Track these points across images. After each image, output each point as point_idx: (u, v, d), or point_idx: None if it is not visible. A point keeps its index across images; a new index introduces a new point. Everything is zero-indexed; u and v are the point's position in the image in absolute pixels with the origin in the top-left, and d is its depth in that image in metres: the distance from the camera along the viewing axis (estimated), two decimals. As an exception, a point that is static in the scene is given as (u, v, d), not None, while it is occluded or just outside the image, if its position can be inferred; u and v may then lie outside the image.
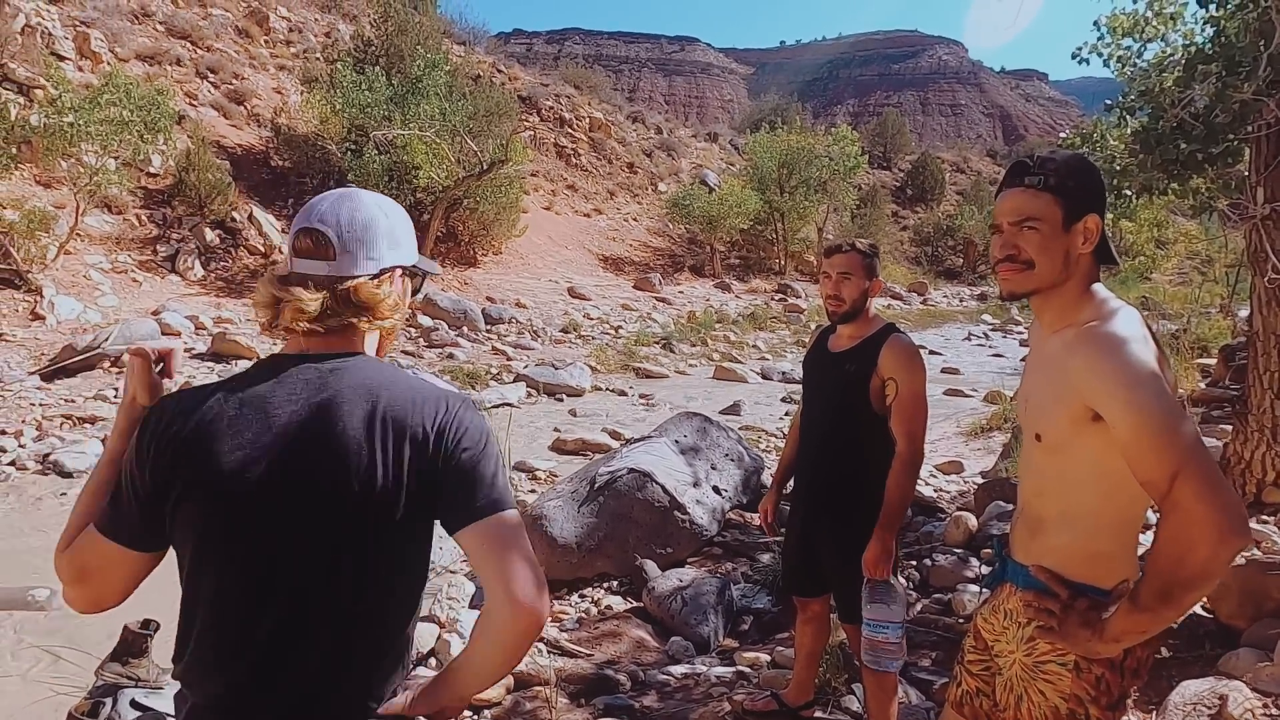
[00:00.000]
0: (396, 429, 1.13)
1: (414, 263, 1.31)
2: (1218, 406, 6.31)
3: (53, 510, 5.97)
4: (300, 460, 1.11)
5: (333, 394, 1.14)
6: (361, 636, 1.16)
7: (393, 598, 1.18)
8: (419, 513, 1.15)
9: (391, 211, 1.26)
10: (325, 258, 1.19)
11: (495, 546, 1.12)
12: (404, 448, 1.12)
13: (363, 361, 1.20)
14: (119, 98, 11.70)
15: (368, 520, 1.12)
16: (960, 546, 4.58)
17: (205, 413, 1.14)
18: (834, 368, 2.56)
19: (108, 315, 10.85)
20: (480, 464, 1.15)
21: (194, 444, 1.12)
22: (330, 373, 1.16)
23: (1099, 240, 1.48)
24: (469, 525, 1.13)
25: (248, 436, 1.12)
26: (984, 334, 19.91)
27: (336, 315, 1.18)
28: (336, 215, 1.20)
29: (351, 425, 1.12)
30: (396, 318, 1.26)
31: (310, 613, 1.13)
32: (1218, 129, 3.91)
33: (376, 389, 1.15)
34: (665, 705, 3.24)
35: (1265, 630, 2.90)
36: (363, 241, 1.20)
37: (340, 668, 1.15)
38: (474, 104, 18.28)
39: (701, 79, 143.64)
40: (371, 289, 1.20)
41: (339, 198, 1.22)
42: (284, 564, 1.12)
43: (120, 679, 2.97)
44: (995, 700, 1.64)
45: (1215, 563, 1.23)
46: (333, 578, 1.12)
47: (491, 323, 14.56)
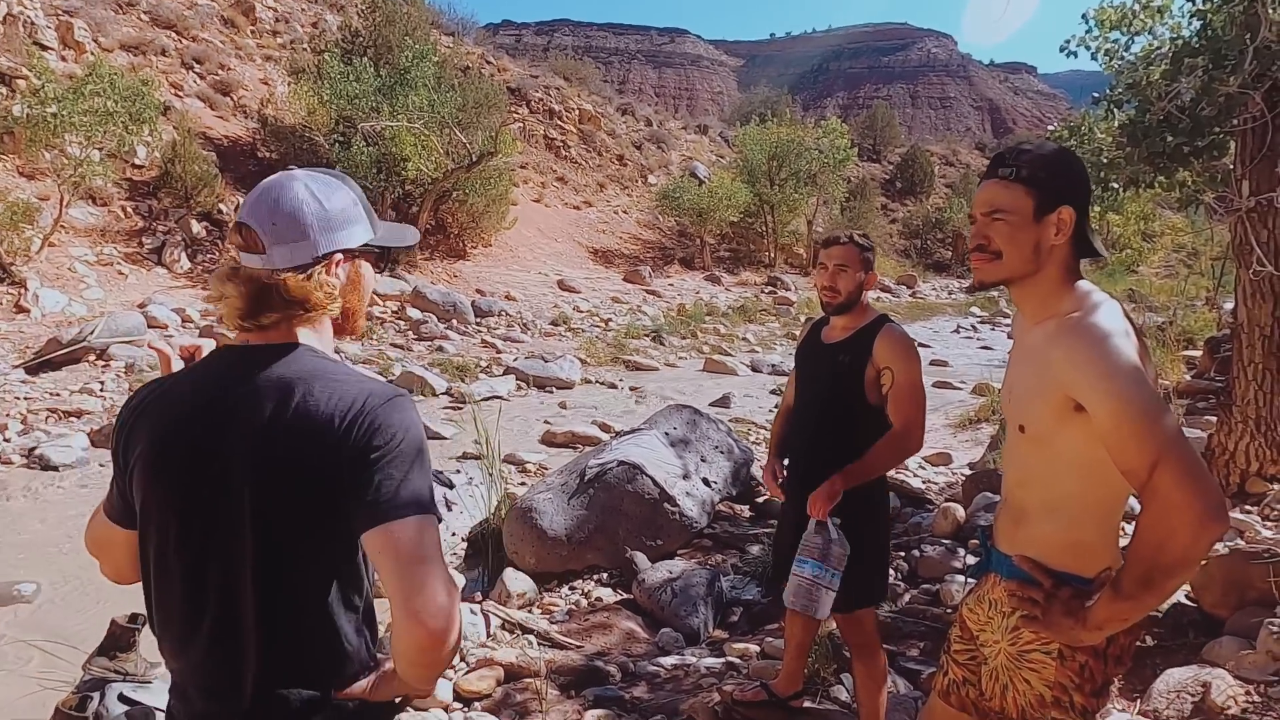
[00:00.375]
0: (305, 423, 1.11)
1: (361, 244, 1.26)
2: (1203, 398, 6.37)
3: (38, 504, 5.93)
4: (215, 445, 1.14)
5: (255, 388, 1.15)
6: (282, 625, 1.16)
7: (314, 590, 1.17)
8: (329, 506, 1.12)
9: (327, 194, 1.21)
10: (257, 251, 1.17)
11: (393, 555, 1.08)
12: (309, 442, 1.11)
13: (296, 354, 1.18)
14: (103, 88, 11.57)
15: (274, 511, 1.13)
16: (948, 537, 4.61)
17: (155, 400, 1.22)
18: (827, 358, 2.57)
19: (93, 308, 10.76)
20: (387, 464, 1.10)
21: (139, 428, 1.20)
22: (260, 366, 1.16)
23: (1075, 232, 1.48)
24: (370, 529, 1.09)
25: (176, 423, 1.17)
26: (972, 326, 19.99)
27: (268, 309, 1.17)
28: (264, 208, 1.17)
29: (260, 417, 1.13)
30: (334, 306, 1.22)
31: (229, 598, 1.15)
32: (1204, 122, 3.94)
33: (296, 382, 1.14)
34: (655, 696, 3.26)
35: (1248, 619, 2.93)
36: (291, 232, 1.17)
37: (263, 653, 1.16)
38: (463, 95, 18.17)
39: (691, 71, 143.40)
40: (300, 282, 1.17)
41: (267, 187, 1.19)
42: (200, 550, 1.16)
43: (108, 673, 2.96)
44: (981, 689, 1.65)
45: (1195, 549, 1.25)
46: (243, 565, 1.14)
47: (481, 315, 14.51)
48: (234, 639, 1.16)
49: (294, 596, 1.16)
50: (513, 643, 3.69)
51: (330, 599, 1.17)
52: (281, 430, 1.12)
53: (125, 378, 8.82)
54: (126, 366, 9.04)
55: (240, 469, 1.13)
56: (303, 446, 1.11)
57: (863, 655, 2.58)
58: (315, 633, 1.18)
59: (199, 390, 1.19)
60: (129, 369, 9.01)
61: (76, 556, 5.11)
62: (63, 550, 5.16)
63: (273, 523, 1.13)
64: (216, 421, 1.15)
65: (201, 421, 1.16)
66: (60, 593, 4.61)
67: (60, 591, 4.62)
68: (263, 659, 1.15)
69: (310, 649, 1.18)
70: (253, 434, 1.13)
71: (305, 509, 1.13)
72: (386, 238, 1.31)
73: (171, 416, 1.18)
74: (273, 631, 1.15)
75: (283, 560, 1.14)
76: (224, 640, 1.16)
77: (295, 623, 1.16)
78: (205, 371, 1.22)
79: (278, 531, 1.13)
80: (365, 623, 1.24)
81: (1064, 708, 1.50)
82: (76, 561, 5.03)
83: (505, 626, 3.83)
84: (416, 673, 1.15)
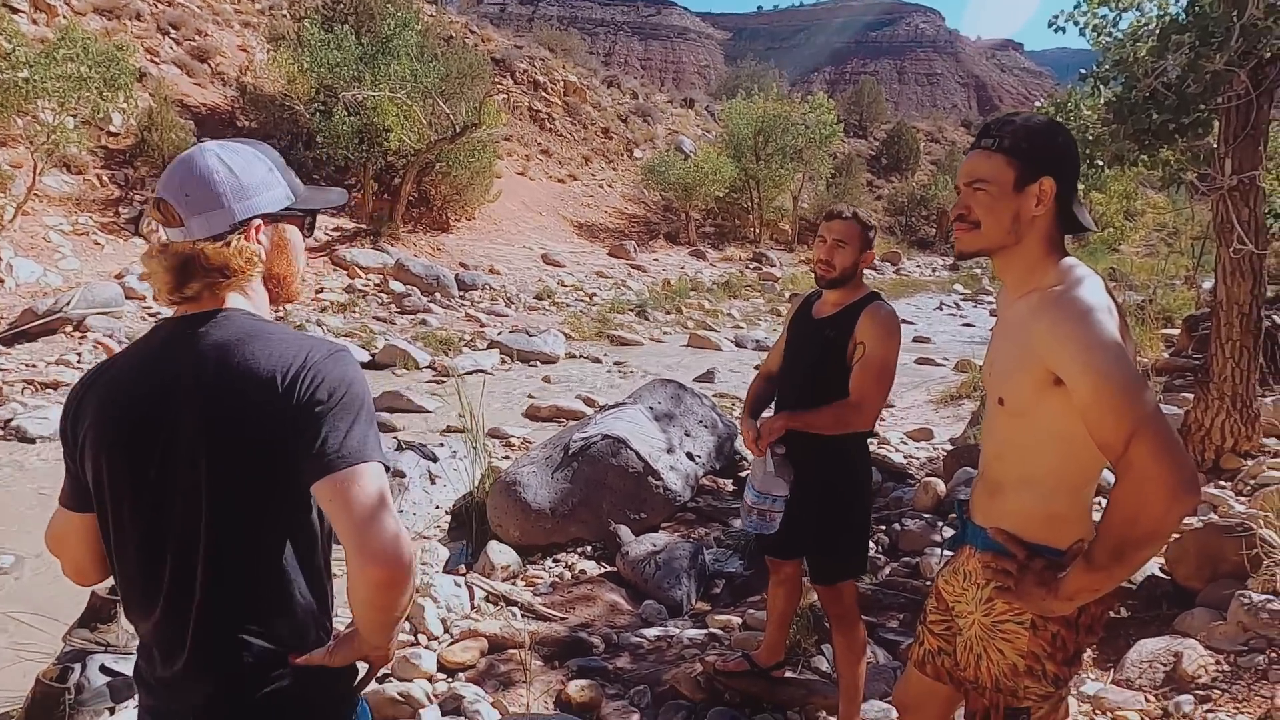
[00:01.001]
0: (246, 383, 1.14)
1: (281, 208, 1.27)
2: (1180, 376, 6.45)
3: (15, 476, 5.87)
4: (159, 414, 1.16)
5: (195, 352, 1.17)
6: (235, 584, 1.18)
7: (265, 549, 1.19)
8: (274, 462, 1.15)
9: (240, 161, 1.22)
10: (176, 224, 1.19)
11: (343, 502, 1.11)
12: (252, 401, 1.13)
13: (229, 315, 1.20)
14: (76, 53, 11.27)
15: (224, 473, 1.15)
16: (929, 511, 4.67)
17: (100, 379, 1.24)
18: (815, 333, 2.57)
19: (69, 278, 10.59)
20: (332, 416, 1.13)
21: (86, 406, 1.23)
22: (197, 332, 1.18)
23: (1059, 205, 1.48)
24: (319, 479, 1.12)
25: (122, 396, 1.20)
26: (955, 303, 20.10)
27: (191, 279, 1.19)
28: (175, 179, 1.19)
29: (201, 381, 1.15)
30: (255, 271, 1.23)
31: (184, 563, 1.17)
32: (1189, 99, 3.95)
33: (233, 344, 1.16)
34: (638, 667, 3.29)
35: (1220, 591, 2.99)
36: (204, 202, 1.18)
37: (216, 611, 1.18)
38: (446, 65, 17.89)
39: (678, 43, 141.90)
40: (218, 249, 1.18)
41: (179, 161, 1.21)
42: (153, 517, 1.18)
43: (89, 644, 2.95)
44: (956, 659, 1.68)
45: (1167, 521, 1.26)
46: (196, 528, 1.16)
47: (465, 289, 14.42)
48: (189, 602, 1.18)
49: (247, 556, 1.18)
50: (496, 615, 3.71)
51: (284, 558, 1.20)
52: (224, 392, 1.14)
53: (102, 349, 8.71)
54: (104, 337, 8.93)
55: (187, 434, 1.15)
56: (246, 406, 1.13)
57: (842, 627, 2.61)
58: (269, 590, 1.20)
59: (141, 363, 1.21)
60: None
61: (55, 529, 5.07)
62: (41, 522, 5.12)
63: (224, 484, 1.15)
64: (160, 390, 1.17)
65: (145, 392, 1.18)
66: (39, 565, 4.57)
67: (39, 563, 4.59)
68: (215, 618, 1.18)
69: (265, 607, 1.20)
70: (196, 398, 1.15)
71: (254, 468, 1.15)
72: (309, 200, 1.31)
73: (116, 390, 1.21)
74: (226, 591, 1.18)
75: (235, 521, 1.16)
76: (180, 604, 1.18)
77: (249, 581, 1.19)
78: (145, 345, 1.23)
79: (229, 493, 1.15)
80: (320, 583, 1.26)
81: (1036, 676, 1.52)
82: (55, 534, 4.99)
83: (489, 599, 3.84)
84: (373, 616, 1.18)
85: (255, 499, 1.17)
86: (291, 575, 1.20)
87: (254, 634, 1.19)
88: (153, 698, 1.27)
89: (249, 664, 1.18)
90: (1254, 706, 2.47)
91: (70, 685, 2.66)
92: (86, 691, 2.70)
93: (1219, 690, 2.58)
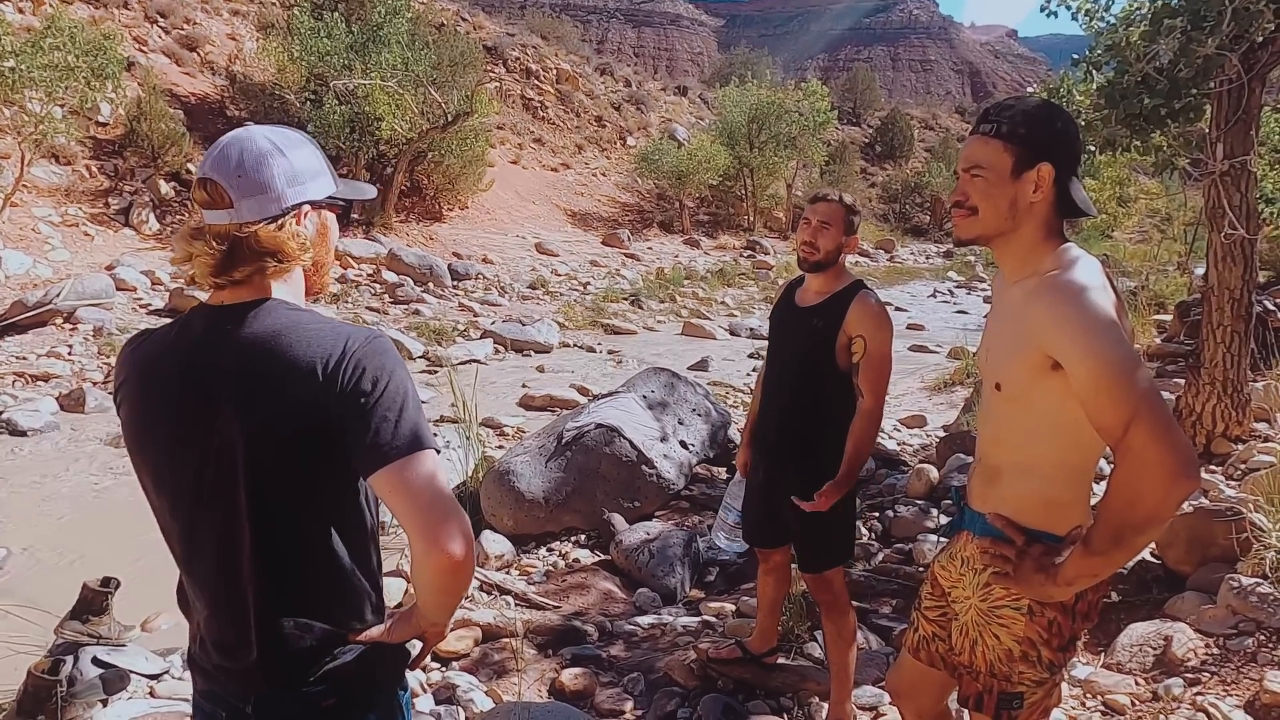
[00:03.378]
0: (290, 372, 1.13)
1: (326, 195, 1.27)
2: (1172, 361, 6.47)
3: (6, 469, 5.84)
4: (197, 404, 1.16)
5: (233, 340, 1.16)
6: (285, 573, 1.18)
7: (313, 537, 1.19)
8: (319, 452, 1.15)
9: (291, 146, 1.22)
10: (224, 206, 1.17)
11: (398, 492, 1.12)
12: (294, 390, 1.12)
13: (271, 306, 1.19)
14: (63, 42, 11.13)
15: (265, 464, 1.14)
16: (922, 498, 4.68)
17: (136, 361, 1.24)
18: (801, 323, 2.56)
19: (59, 270, 10.51)
20: (379, 405, 1.13)
21: (124, 391, 1.23)
22: (237, 323, 1.17)
23: (1057, 190, 1.47)
24: (377, 470, 1.12)
25: (158, 386, 1.19)
26: (949, 291, 20.11)
27: (241, 263, 1.17)
28: (228, 161, 1.17)
29: (244, 371, 1.14)
30: (307, 257, 1.23)
31: (230, 553, 1.18)
32: (1181, 84, 3.94)
33: (274, 335, 1.16)
34: (632, 654, 3.30)
35: (1210, 575, 3.01)
36: (258, 184, 1.17)
37: (268, 601, 1.18)
38: (438, 53, 17.74)
39: (671, 31, 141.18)
40: (272, 233, 1.17)
41: (229, 142, 1.19)
42: (193, 509, 1.18)
43: (81, 637, 2.94)
44: (951, 644, 1.68)
45: (1166, 505, 1.26)
46: (235, 516, 1.16)
47: (458, 279, 14.36)
48: (238, 593, 1.18)
49: (295, 544, 1.19)
50: (490, 604, 3.71)
51: (334, 543, 1.20)
52: (265, 383, 1.13)
53: (94, 340, 8.66)
54: (95, 329, 8.88)
55: (227, 425, 1.14)
56: (289, 398, 1.13)
57: (832, 613, 2.62)
58: (322, 576, 1.21)
59: (178, 351, 1.19)
60: (97, 332, 8.85)
61: (45, 521, 5.05)
62: (32, 515, 5.10)
63: (265, 475, 1.15)
64: (199, 380, 1.16)
65: (183, 381, 1.17)
66: (30, 557, 4.56)
67: (30, 556, 4.57)
68: (271, 607, 1.18)
69: (320, 593, 1.21)
70: (237, 390, 1.14)
71: (297, 458, 1.15)
72: (347, 192, 1.31)
73: (153, 380, 1.20)
74: (277, 579, 1.18)
75: (278, 510, 1.16)
76: (231, 595, 1.19)
77: (301, 569, 1.19)
78: (183, 333, 1.21)
79: (270, 483, 1.15)
80: (371, 565, 1.27)
81: (1031, 661, 1.52)
82: (46, 526, 4.98)
83: (483, 588, 3.84)
84: (440, 600, 1.23)
85: (297, 489, 1.17)
86: (343, 560, 1.21)
87: (313, 617, 1.20)
88: (210, 683, 1.27)
89: (310, 647, 1.19)
90: (1243, 689, 2.49)
91: (62, 677, 2.65)
92: (79, 683, 2.69)
93: (1208, 673, 2.60)
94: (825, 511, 2.47)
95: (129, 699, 2.82)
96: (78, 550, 4.60)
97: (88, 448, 6.29)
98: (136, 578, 3.45)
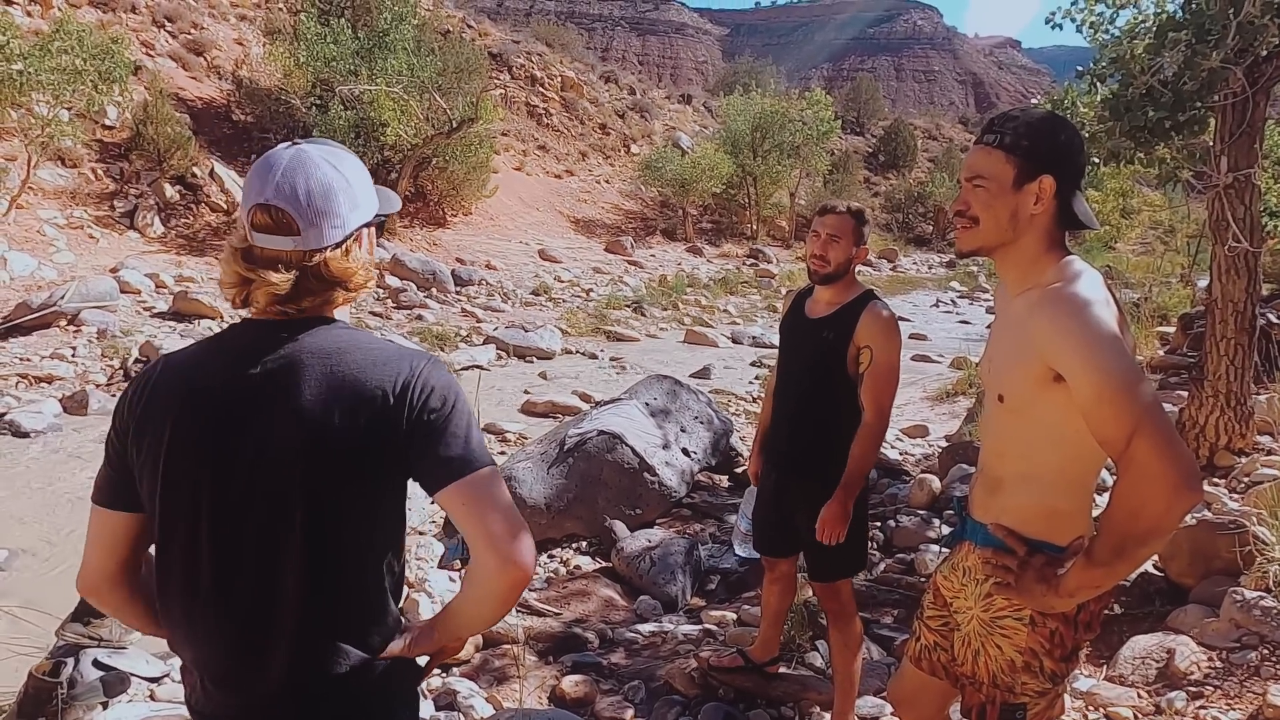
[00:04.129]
0: (354, 392, 1.11)
1: (375, 214, 1.25)
2: (1175, 373, 6.47)
3: (9, 471, 5.85)
4: (252, 424, 1.12)
5: (290, 358, 1.13)
6: (330, 594, 1.15)
7: (361, 556, 1.17)
8: (383, 472, 1.14)
9: (347, 167, 1.19)
10: (289, 233, 1.12)
11: (473, 506, 1.12)
12: (361, 411, 1.10)
13: (328, 325, 1.17)
14: (71, 45, 11.21)
15: (323, 482, 1.11)
16: (924, 508, 4.67)
17: (173, 376, 1.17)
18: (812, 334, 2.55)
19: (64, 272, 10.54)
20: (450, 424, 1.14)
21: (157, 404, 1.15)
22: (293, 338, 1.14)
23: (1059, 202, 1.46)
24: (445, 487, 1.12)
25: (205, 401, 1.13)
26: (952, 301, 20.11)
27: (310, 292, 1.15)
28: (294, 186, 1.12)
29: (305, 390, 1.11)
30: (372, 282, 1.23)
31: (269, 571, 1.13)
32: (1185, 97, 3.94)
33: (336, 353, 1.13)
34: (633, 662, 3.29)
35: (1213, 588, 3.00)
36: (326, 211, 1.13)
37: (307, 622, 1.14)
38: (443, 60, 17.83)
39: (675, 39, 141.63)
40: (342, 261, 1.15)
41: (292, 166, 1.13)
42: (235, 523, 1.13)
43: (82, 639, 2.94)
44: (953, 654, 1.68)
45: (1169, 517, 1.26)
46: (286, 537, 1.12)
47: (461, 284, 14.39)
48: (276, 615, 1.13)
49: (347, 567, 1.16)
50: (491, 610, 3.71)
51: (379, 562, 1.19)
52: (327, 404, 1.10)
53: (97, 343, 8.68)
54: (99, 332, 8.90)
55: (282, 443, 1.10)
56: (353, 418, 1.10)
57: (839, 623, 2.62)
58: (367, 600, 1.19)
59: (227, 364, 1.15)
60: (101, 334, 8.87)
61: (47, 523, 5.06)
62: (34, 517, 5.10)
63: (322, 496, 1.12)
64: (253, 399, 1.12)
65: (236, 399, 1.12)
66: (31, 559, 4.56)
67: (32, 558, 4.57)
68: (310, 630, 1.14)
69: (361, 615, 1.18)
70: (295, 408, 1.10)
71: (357, 479, 1.13)
72: (384, 206, 1.29)
73: (200, 395, 1.14)
74: (324, 603, 1.14)
75: (334, 528, 1.14)
76: (262, 618, 1.13)
77: (347, 589, 1.16)
78: (234, 347, 1.16)
79: (328, 505, 1.12)
80: (399, 585, 1.26)
81: (1034, 672, 1.52)
82: (48, 528, 4.98)
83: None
84: (498, 613, 1.21)
85: (355, 507, 1.14)
86: (385, 581, 1.20)
87: (351, 642, 1.16)
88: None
89: (343, 673, 1.16)
90: (1246, 703, 2.48)
91: (63, 680, 2.65)
92: (79, 686, 2.69)
93: (1211, 687, 2.59)
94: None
95: (129, 702, 2.82)
96: (79, 552, 4.59)
97: (90, 450, 6.29)
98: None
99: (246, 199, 1.15)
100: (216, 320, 10.12)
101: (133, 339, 8.88)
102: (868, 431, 2.45)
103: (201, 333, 9.64)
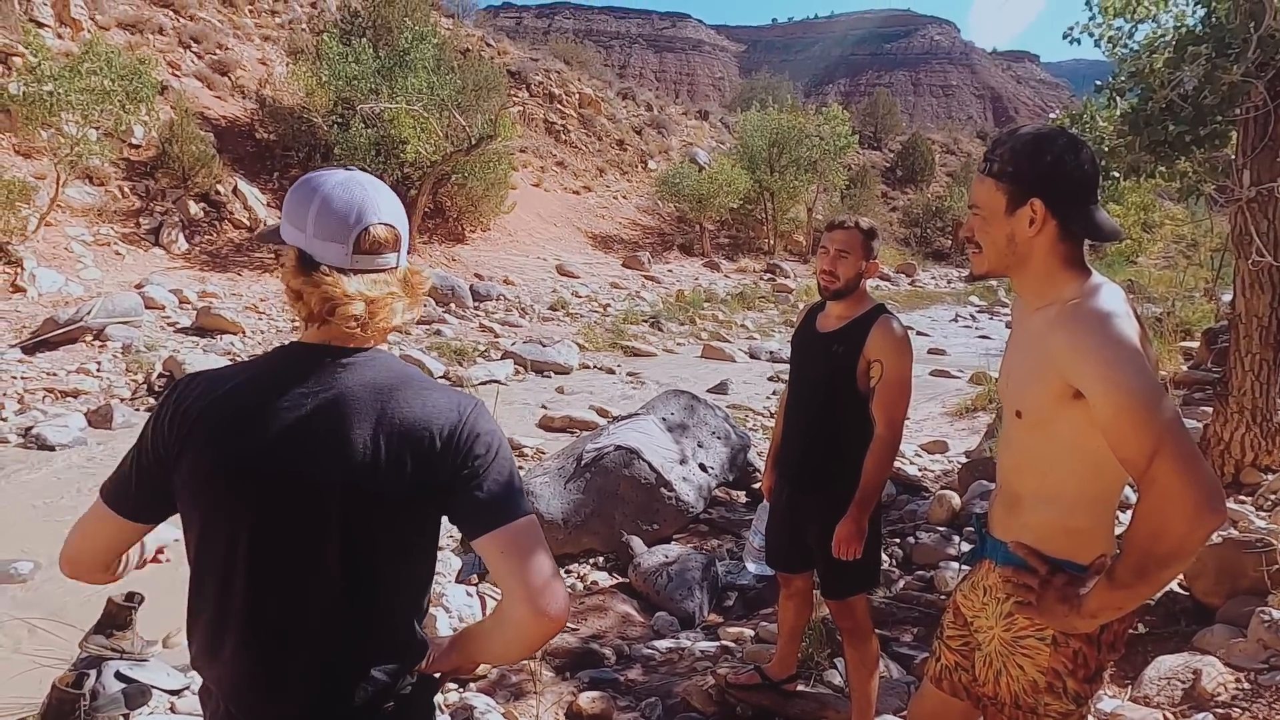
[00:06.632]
0: (402, 432, 1.12)
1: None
2: (1199, 389, 6.38)
3: (34, 484, 5.93)
4: (297, 453, 1.11)
5: (342, 390, 1.13)
6: (360, 625, 1.15)
7: (394, 588, 1.18)
8: (421, 514, 1.16)
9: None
10: (396, 249, 1.20)
11: (511, 554, 1.13)
12: (408, 452, 1.11)
13: (379, 357, 1.18)
14: (100, 66, 11.46)
15: (362, 517, 1.12)
16: (943, 525, 4.63)
17: (218, 396, 1.15)
18: (823, 348, 2.55)
19: (90, 288, 10.72)
20: (492, 471, 1.15)
21: (201, 425, 1.14)
22: (345, 367, 1.15)
23: (1059, 220, 1.44)
24: (485, 534, 1.13)
25: (251, 428, 1.12)
26: (971, 315, 19.98)
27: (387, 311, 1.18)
28: (391, 205, 1.20)
29: (355, 425, 1.11)
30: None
31: (301, 600, 1.14)
32: (1206, 110, 3.91)
33: (389, 390, 1.14)
34: (650, 679, 3.28)
35: (1240, 607, 2.94)
36: (403, 231, 1.21)
37: (334, 655, 1.15)
38: (462, 78, 18.05)
39: (693, 56, 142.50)
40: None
41: (379, 187, 1.19)
42: (272, 551, 1.13)
43: (105, 651, 2.97)
44: (974, 674, 1.66)
45: (1191, 539, 1.24)
46: (321, 568, 1.12)
47: (479, 300, 14.48)
48: (308, 641, 1.14)
49: (383, 599, 1.17)
50: (508, 625, 3.71)
51: (409, 601, 1.21)
52: (375, 444, 1.11)
53: (122, 358, 8.81)
54: (124, 347, 9.03)
55: (330, 474, 1.10)
56: (398, 460, 1.11)
57: (854, 641, 2.59)
58: (390, 635, 1.19)
59: (281, 394, 1.13)
60: (126, 349, 9.00)
61: (73, 536, 5.11)
62: (59, 529, 5.16)
63: (358, 532, 1.12)
64: (301, 431, 1.11)
65: (284, 428, 1.11)
66: (55, 572, 4.61)
67: (56, 570, 4.62)
68: (332, 665, 1.15)
69: (387, 652, 1.19)
70: (343, 446, 1.10)
71: (395, 519, 1.14)
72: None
73: (245, 422, 1.12)
74: (358, 633, 1.15)
75: (364, 569, 1.14)
76: (293, 643, 1.14)
77: (381, 616, 1.17)
78: (285, 375, 1.15)
79: (363, 541, 1.13)
80: (423, 616, 1.27)
81: (1057, 693, 1.50)
82: (73, 541, 5.03)
83: (501, 609, 3.84)
84: (523, 655, 1.26)
85: (393, 547, 1.15)
86: (410, 614, 1.21)
87: (377, 675, 1.17)
88: None
89: (367, 698, 1.17)
90: (1276, 726, 2.43)
91: (85, 691, 2.68)
92: (101, 698, 2.71)
93: (1239, 709, 2.54)
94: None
95: (150, 714, 2.84)
96: (102, 565, 4.65)
97: (114, 464, 6.37)
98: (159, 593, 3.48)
99: (358, 220, 1.14)
100: (239, 336, 10.24)
101: (156, 354, 9.00)
102: (880, 444, 2.44)
103: (224, 348, 9.75)
